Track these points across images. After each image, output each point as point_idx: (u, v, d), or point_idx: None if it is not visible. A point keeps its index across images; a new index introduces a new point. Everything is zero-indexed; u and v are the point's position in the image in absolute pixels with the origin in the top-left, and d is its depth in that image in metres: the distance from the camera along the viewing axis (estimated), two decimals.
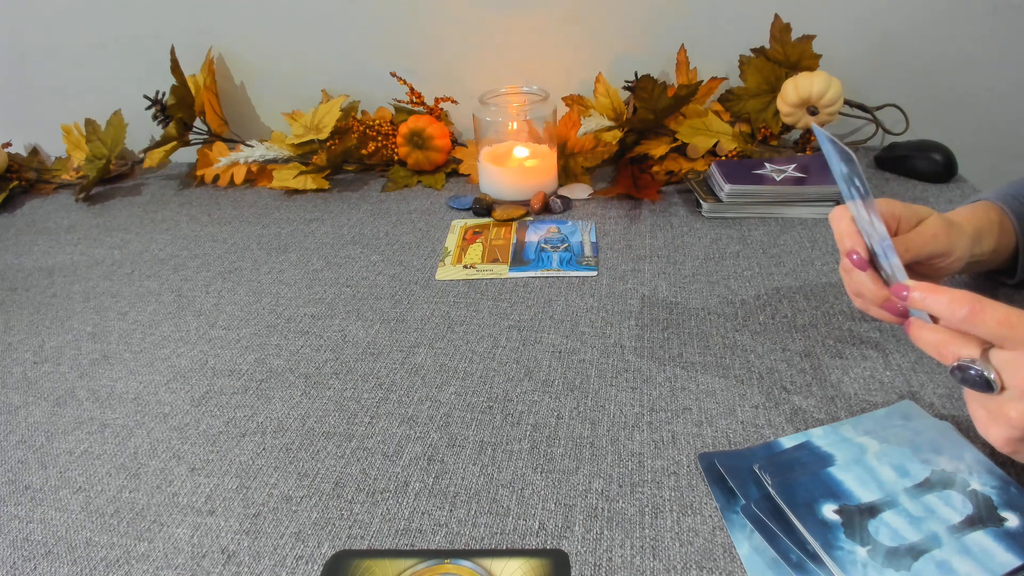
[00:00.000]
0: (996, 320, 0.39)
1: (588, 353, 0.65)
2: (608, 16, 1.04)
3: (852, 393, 0.57)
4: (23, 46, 1.17)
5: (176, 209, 1.03)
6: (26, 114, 1.23)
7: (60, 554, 0.49)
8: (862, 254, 0.49)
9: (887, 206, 0.52)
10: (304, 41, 1.11)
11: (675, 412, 0.57)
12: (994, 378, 0.40)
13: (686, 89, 0.94)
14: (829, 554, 0.43)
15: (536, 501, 0.50)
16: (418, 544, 0.47)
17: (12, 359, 0.71)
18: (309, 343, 0.69)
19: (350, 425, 0.58)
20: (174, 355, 0.70)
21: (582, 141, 1.01)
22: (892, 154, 0.96)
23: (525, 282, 0.77)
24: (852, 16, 0.99)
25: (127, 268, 0.87)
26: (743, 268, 0.77)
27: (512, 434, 0.56)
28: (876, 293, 0.49)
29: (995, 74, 1.01)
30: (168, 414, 0.62)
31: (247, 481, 0.54)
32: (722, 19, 1.02)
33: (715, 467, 0.51)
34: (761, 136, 1.01)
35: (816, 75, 0.93)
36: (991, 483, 0.47)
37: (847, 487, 0.47)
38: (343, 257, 0.85)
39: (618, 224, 0.88)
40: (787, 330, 0.66)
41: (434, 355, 0.66)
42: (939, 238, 0.52)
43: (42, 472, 0.56)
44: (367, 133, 1.08)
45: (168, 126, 1.08)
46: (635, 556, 0.45)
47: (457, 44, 1.09)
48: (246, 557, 0.47)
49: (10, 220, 1.05)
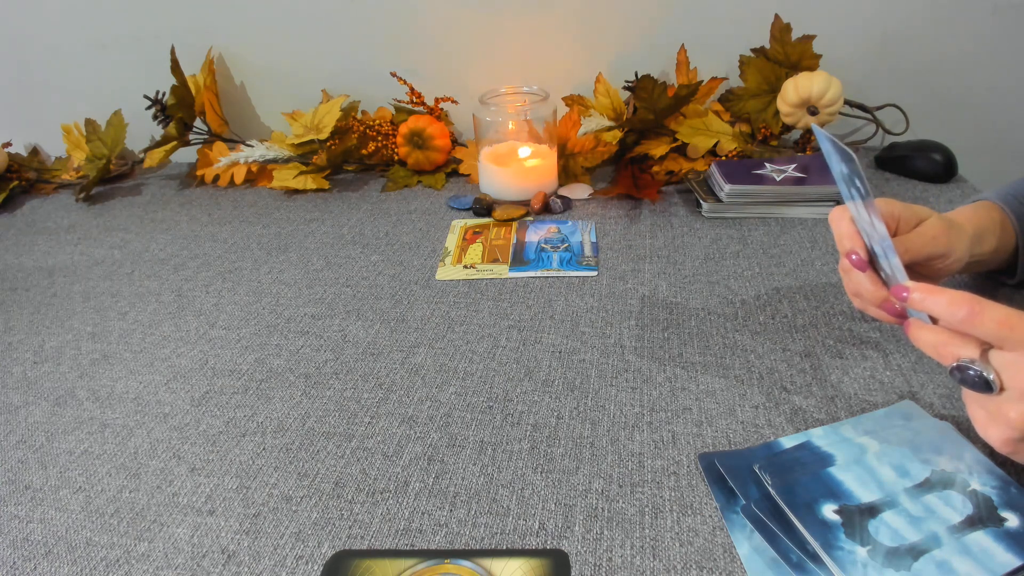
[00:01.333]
0: (996, 321, 0.39)
1: (588, 353, 0.65)
2: (608, 16, 1.04)
3: (852, 393, 0.57)
4: (23, 46, 1.17)
5: (176, 209, 1.03)
6: (26, 114, 1.23)
7: (60, 554, 0.49)
8: (861, 255, 0.49)
9: (886, 206, 0.52)
10: (304, 41, 1.11)
11: (675, 412, 0.57)
12: (993, 379, 0.40)
13: (686, 89, 0.94)
14: (829, 554, 0.43)
15: (536, 501, 0.50)
16: (418, 544, 0.47)
17: (12, 359, 0.71)
18: (309, 343, 0.69)
19: (350, 425, 0.58)
20: (174, 355, 0.70)
21: (582, 141, 1.01)
22: (892, 154, 0.96)
23: (525, 282, 0.77)
24: (852, 16, 0.99)
25: (127, 268, 0.87)
26: (743, 268, 0.77)
27: (512, 434, 0.56)
28: (875, 293, 0.49)
29: (995, 74, 1.01)
30: (168, 414, 0.62)
31: (247, 481, 0.54)
32: (722, 19, 1.02)
33: (715, 467, 0.51)
34: (761, 136, 1.01)
35: (816, 75, 0.93)
36: (991, 483, 0.47)
37: (847, 487, 0.47)
38: (343, 257, 0.85)
39: (618, 224, 0.88)
40: (787, 330, 0.66)
41: (434, 355, 0.66)
42: (939, 239, 0.52)
43: (42, 472, 0.56)
44: (367, 133, 1.08)
45: (168, 126, 1.08)
46: (635, 556, 0.45)
47: (457, 44, 1.09)
48: (246, 557, 0.47)
49: (10, 220, 1.05)
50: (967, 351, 0.41)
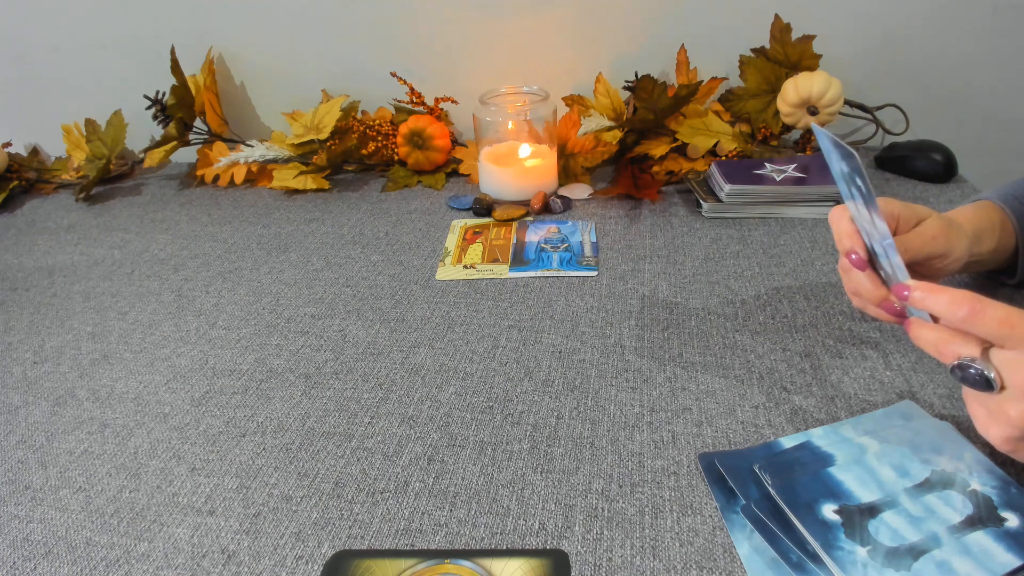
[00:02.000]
0: (996, 320, 0.39)
1: (588, 353, 0.65)
2: (608, 16, 1.04)
3: (852, 393, 0.57)
4: (23, 46, 1.17)
5: (176, 209, 1.03)
6: (26, 114, 1.23)
7: (60, 554, 0.49)
8: (861, 254, 0.49)
9: (886, 205, 0.53)
10: (304, 41, 1.11)
11: (675, 412, 0.57)
12: (994, 377, 0.40)
13: (686, 89, 0.94)
14: (829, 554, 0.43)
15: (536, 501, 0.50)
16: (418, 544, 0.47)
17: (12, 359, 0.71)
18: (309, 343, 0.70)
19: (350, 425, 0.58)
20: (174, 355, 0.70)
21: (582, 141, 1.01)
22: (892, 154, 0.96)
23: (525, 282, 0.77)
24: (852, 16, 0.99)
25: (127, 268, 0.87)
26: (743, 268, 0.77)
27: (512, 434, 0.56)
28: (874, 293, 0.49)
29: (995, 74, 1.01)
30: (168, 414, 0.62)
31: (247, 481, 0.54)
32: (722, 19, 1.02)
33: (715, 467, 0.51)
34: (761, 136, 1.01)
35: (816, 75, 0.93)
36: (991, 483, 0.47)
37: (847, 487, 0.47)
38: (343, 257, 0.85)
39: (618, 224, 0.88)
40: (787, 330, 0.66)
41: (434, 355, 0.66)
42: (938, 239, 0.52)
43: (42, 472, 0.56)
44: (367, 133, 1.08)
45: (168, 126, 1.08)
46: (635, 556, 0.45)
47: (457, 44, 1.09)
48: (246, 557, 0.47)
49: (10, 220, 1.05)
50: (968, 349, 0.41)
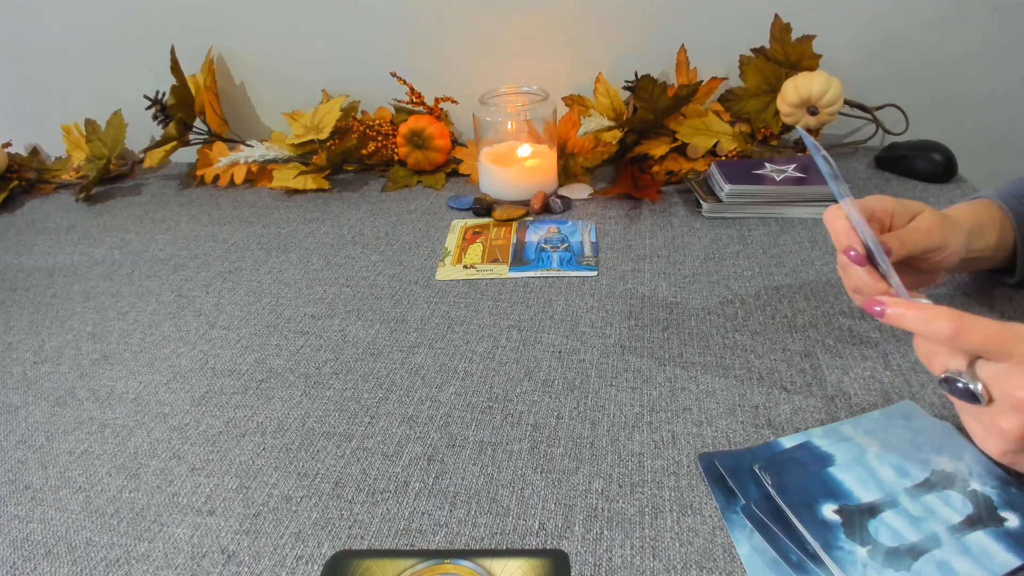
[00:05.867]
0: (982, 335, 0.40)
1: (588, 353, 0.65)
2: (608, 16, 1.04)
3: (852, 393, 0.57)
4: (23, 46, 1.17)
5: (176, 209, 1.03)
6: (26, 114, 1.23)
7: (60, 554, 0.49)
8: (859, 250, 0.49)
9: (879, 202, 0.53)
10: (304, 41, 1.11)
11: (675, 412, 0.57)
12: (980, 391, 0.40)
13: (686, 89, 0.94)
14: (829, 554, 0.43)
15: (536, 501, 0.50)
16: (418, 544, 0.47)
17: (12, 359, 0.71)
18: (309, 343, 0.69)
19: (350, 425, 0.58)
20: (174, 355, 0.70)
21: (582, 141, 1.01)
22: (892, 154, 0.96)
23: (525, 282, 0.77)
24: (852, 16, 0.99)
25: (127, 268, 0.87)
26: (743, 268, 0.77)
27: (512, 434, 0.56)
28: (874, 288, 0.49)
29: (995, 74, 1.01)
30: (168, 414, 0.62)
31: (247, 481, 0.54)
32: (722, 19, 1.02)
33: (715, 467, 0.51)
34: (761, 136, 1.01)
35: (816, 75, 0.93)
36: (991, 483, 0.47)
37: (847, 487, 0.47)
38: (343, 257, 0.85)
39: (618, 224, 0.88)
40: (787, 330, 0.66)
41: (434, 355, 0.66)
42: (933, 233, 0.52)
43: (42, 472, 0.56)
44: (367, 133, 1.08)
45: (168, 126, 1.08)
46: (635, 556, 0.45)
47: (457, 44, 1.09)
48: (246, 557, 0.47)
49: (10, 220, 1.05)
50: (955, 362, 0.41)
